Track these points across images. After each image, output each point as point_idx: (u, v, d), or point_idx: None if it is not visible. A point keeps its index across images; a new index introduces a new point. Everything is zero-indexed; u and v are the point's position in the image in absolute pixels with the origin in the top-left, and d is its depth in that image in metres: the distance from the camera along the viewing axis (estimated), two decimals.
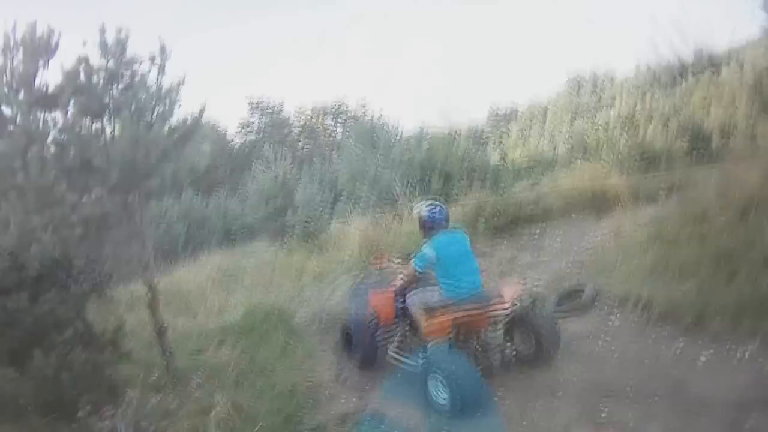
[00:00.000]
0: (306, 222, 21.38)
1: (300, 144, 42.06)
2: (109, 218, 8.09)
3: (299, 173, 28.49)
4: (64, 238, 7.37)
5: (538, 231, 14.14)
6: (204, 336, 10.87)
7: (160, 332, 9.07)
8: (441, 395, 7.15)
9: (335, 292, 12.72)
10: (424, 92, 65.09)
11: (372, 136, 21.54)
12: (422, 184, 18.32)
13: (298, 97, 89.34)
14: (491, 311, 7.81)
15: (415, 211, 8.95)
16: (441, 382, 7.10)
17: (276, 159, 27.33)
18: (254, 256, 24.93)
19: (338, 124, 44.62)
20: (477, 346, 8.13)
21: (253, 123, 43.07)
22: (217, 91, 60.91)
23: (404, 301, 8.67)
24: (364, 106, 40.39)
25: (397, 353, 8.77)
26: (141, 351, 9.45)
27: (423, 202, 8.88)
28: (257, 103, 43.35)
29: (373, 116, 22.15)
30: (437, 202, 8.70)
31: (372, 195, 19.33)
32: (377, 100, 73.83)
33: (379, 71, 71.87)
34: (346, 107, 44.01)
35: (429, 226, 8.40)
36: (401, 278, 8.66)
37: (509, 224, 14.39)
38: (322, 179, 28.19)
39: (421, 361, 7.93)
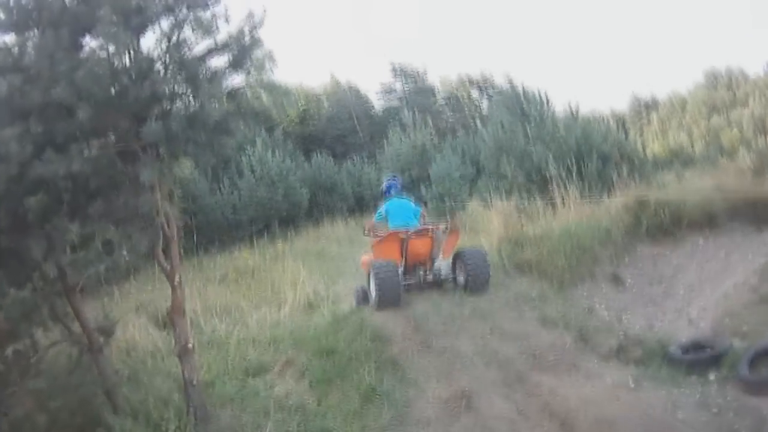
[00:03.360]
0: (441, 198, 19.14)
1: (445, 115, 38.83)
2: (90, 182, 5.03)
3: (441, 144, 26.25)
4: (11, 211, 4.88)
5: (702, 239, 10.91)
6: (274, 346, 8.74)
7: (183, 353, 6.02)
8: (373, 294, 9.08)
9: (465, 305, 9.03)
10: (566, 73, 63.04)
11: (522, 106, 17.74)
12: (579, 166, 14.57)
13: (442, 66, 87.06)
14: (418, 236, 9.48)
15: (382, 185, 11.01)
16: (374, 284, 8.93)
17: (416, 126, 24.47)
18: None
19: (484, 97, 41.17)
20: (420, 270, 9.79)
21: (395, 89, 39.94)
22: (359, 55, 59.55)
23: None
24: (510, 81, 36.68)
25: None
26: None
27: (386, 175, 11.74)
28: (401, 68, 39.86)
29: (523, 87, 18.79)
30: (394, 175, 11.43)
31: (519, 174, 15.82)
32: (522, 76, 70.87)
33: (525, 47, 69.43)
34: (493, 79, 40.48)
35: (386, 192, 10.54)
36: (370, 228, 10.45)
37: (672, 227, 11.21)
38: (465, 153, 25.33)
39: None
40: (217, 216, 22.67)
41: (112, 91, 4.81)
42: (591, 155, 15.35)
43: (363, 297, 10.02)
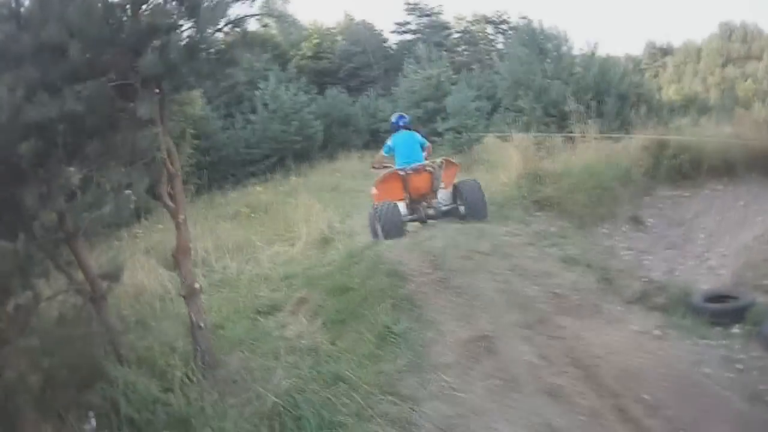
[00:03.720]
0: (458, 131, 18.93)
1: (459, 49, 38.21)
2: (86, 121, 4.60)
3: (456, 78, 25.63)
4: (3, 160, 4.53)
5: (720, 187, 11.01)
6: (286, 284, 8.49)
7: (189, 296, 5.63)
8: (380, 230, 9.62)
9: (483, 241, 8.60)
10: (581, 16, 61.88)
11: (540, 41, 17.46)
12: (598, 103, 14.70)
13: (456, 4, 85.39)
14: (418, 172, 10.12)
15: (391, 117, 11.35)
16: (379, 225, 9.63)
17: (431, 59, 24.02)
18: None
19: (499, 33, 40.58)
20: (422, 206, 10.27)
21: (409, 23, 39.33)
22: None
23: None
24: (525, 18, 36.02)
25: None
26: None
27: (394, 113, 11.84)
28: (415, 3, 39.09)
29: (541, 23, 18.38)
30: (402, 113, 11.58)
31: (536, 108, 15.74)
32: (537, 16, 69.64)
33: None
34: (508, 17, 39.80)
35: (395, 128, 10.84)
36: (377, 161, 11.17)
37: (691, 171, 11.27)
38: (480, 87, 24.74)
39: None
40: (230, 152, 22.48)
41: (107, 26, 4.41)
42: (609, 93, 15.37)
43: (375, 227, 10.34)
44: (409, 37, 38.88)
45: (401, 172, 10.09)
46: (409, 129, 10.98)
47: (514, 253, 8.09)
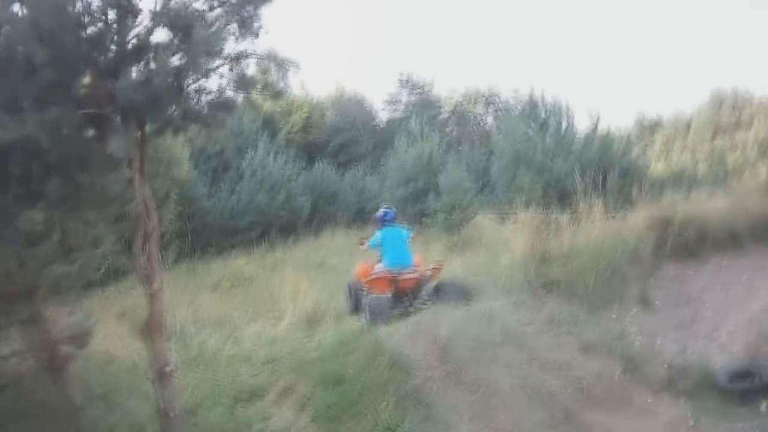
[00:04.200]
0: (449, 210, 18.40)
1: (449, 128, 38.42)
2: (50, 155, 3.88)
3: (445, 156, 25.46)
4: None
5: (725, 260, 10.71)
6: (269, 367, 7.72)
7: (159, 379, 4.85)
8: (367, 316, 9.81)
9: (494, 328, 7.98)
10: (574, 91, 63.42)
11: (540, 114, 17.57)
12: (602, 180, 14.33)
13: (449, 78, 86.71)
14: (407, 276, 10.53)
15: (378, 212, 11.67)
16: (368, 311, 9.85)
17: (422, 136, 24.47)
18: None
19: (489, 113, 41.08)
20: (405, 298, 10.41)
21: (400, 100, 39.67)
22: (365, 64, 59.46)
23: None
24: (516, 94, 36.33)
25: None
26: None
27: (383, 203, 12.47)
28: (407, 79, 39.50)
29: (542, 95, 18.31)
30: (388, 206, 11.91)
31: (537, 186, 15.66)
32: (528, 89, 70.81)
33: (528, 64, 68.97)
34: (498, 95, 40.27)
35: (381, 221, 11.25)
36: (363, 245, 11.63)
37: (696, 246, 11.02)
38: (469, 165, 24.97)
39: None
40: (214, 220, 21.97)
41: (83, 38, 3.78)
42: (613, 169, 15.28)
43: (352, 300, 11.07)
44: (399, 113, 39.32)
45: (393, 273, 10.51)
46: (394, 223, 11.39)
47: (529, 342, 7.64)
